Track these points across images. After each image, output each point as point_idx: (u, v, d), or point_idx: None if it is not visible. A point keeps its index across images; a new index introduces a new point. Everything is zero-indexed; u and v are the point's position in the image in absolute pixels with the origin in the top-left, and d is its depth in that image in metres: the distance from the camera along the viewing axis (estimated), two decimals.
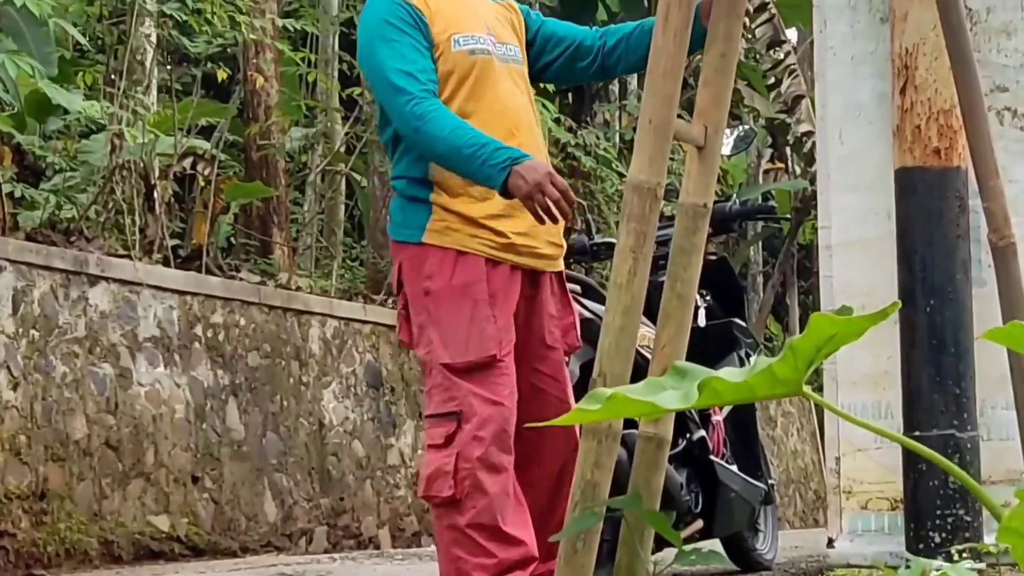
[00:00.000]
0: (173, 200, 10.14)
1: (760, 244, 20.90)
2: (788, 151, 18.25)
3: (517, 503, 3.94)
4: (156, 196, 9.17)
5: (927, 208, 4.43)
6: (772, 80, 14.77)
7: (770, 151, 20.37)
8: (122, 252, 8.21)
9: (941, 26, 3.59)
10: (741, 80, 15.88)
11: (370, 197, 11.92)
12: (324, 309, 9.41)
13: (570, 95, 16.42)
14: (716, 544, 5.99)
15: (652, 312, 3.36)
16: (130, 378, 7.68)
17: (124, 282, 7.76)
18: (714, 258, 6.50)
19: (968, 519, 4.47)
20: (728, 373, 1.81)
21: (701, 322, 5.84)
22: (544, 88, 11.38)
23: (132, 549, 7.48)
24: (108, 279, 7.64)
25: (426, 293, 3.98)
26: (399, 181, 4.08)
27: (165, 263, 8.60)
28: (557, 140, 12.97)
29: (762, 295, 19.30)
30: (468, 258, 3.97)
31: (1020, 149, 4.69)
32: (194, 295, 8.27)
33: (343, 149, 11.91)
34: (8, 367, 6.91)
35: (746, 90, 16.39)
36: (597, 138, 14.15)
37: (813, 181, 12.14)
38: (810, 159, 14.24)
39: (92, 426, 7.36)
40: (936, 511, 4.46)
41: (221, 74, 10.75)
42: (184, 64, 11.99)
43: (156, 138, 9.19)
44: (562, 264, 4.21)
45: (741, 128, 20.81)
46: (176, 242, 9.54)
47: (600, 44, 4.25)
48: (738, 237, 18.29)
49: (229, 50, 11.55)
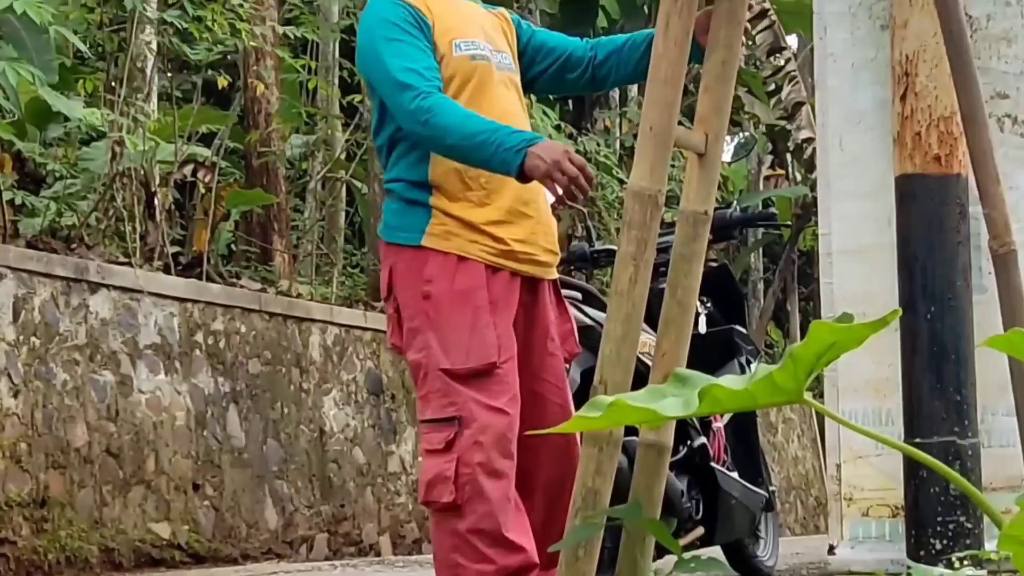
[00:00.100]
0: (173, 207, 10.15)
1: (761, 251, 20.91)
2: (788, 158, 18.25)
3: (517, 509, 3.92)
4: (156, 203, 9.17)
5: (927, 215, 4.43)
6: (772, 87, 14.77)
7: (770, 158, 20.38)
8: (123, 259, 8.21)
9: (941, 33, 3.59)
10: (741, 87, 15.88)
11: (370, 204, 11.92)
12: (325, 316, 9.41)
13: (570, 102, 16.43)
14: (717, 551, 5.99)
15: (653, 319, 3.36)
16: (131, 385, 7.68)
17: (125, 289, 7.76)
18: (715, 265, 6.50)
19: (969, 526, 4.46)
20: (729, 380, 1.81)
21: (702, 329, 5.84)
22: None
23: (133, 557, 7.48)
24: (109, 286, 7.64)
25: (425, 297, 3.94)
26: (396, 184, 4.03)
27: (166, 270, 8.60)
28: None
29: (763, 302, 19.30)
30: (469, 264, 3.95)
31: (1020, 156, 4.69)
32: (195, 302, 8.27)
33: (343, 156, 11.91)
34: (9, 374, 6.91)
35: (746, 97, 16.39)
36: (598, 145, 14.15)
37: (814, 188, 12.14)
38: (810, 166, 14.24)
39: (93, 433, 7.36)
40: (937, 518, 4.46)
41: (222, 81, 10.75)
42: (184, 71, 11.98)
43: (156, 145, 9.19)
44: (555, 271, 4.21)
45: (742, 135, 20.86)
46: (177, 249, 9.53)
47: (591, 56, 4.25)
48: (739, 244, 18.29)
49: (229, 57, 11.55)
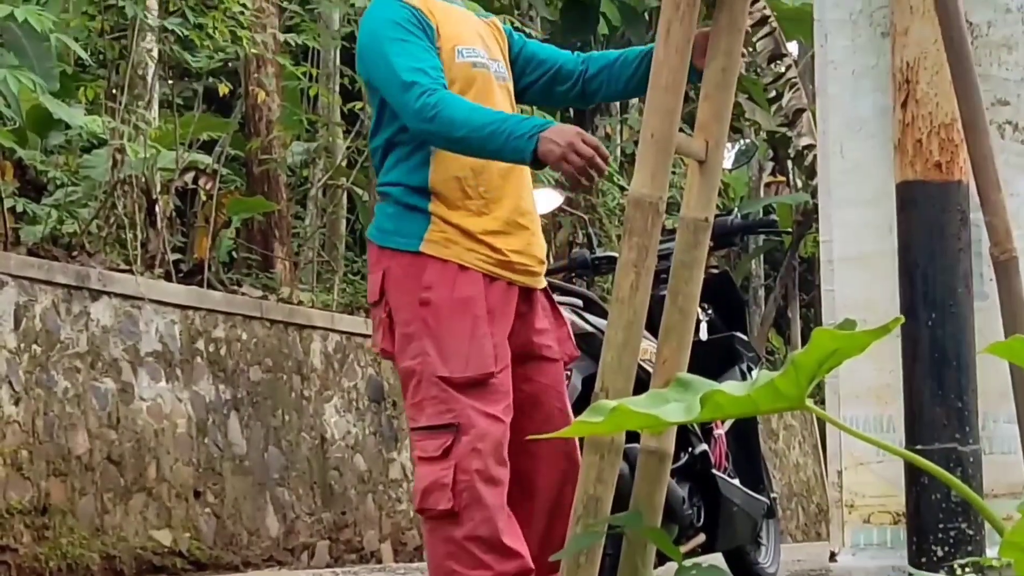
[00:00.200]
0: (175, 215, 10.16)
1: (761, 257, 20.91)
2: (789, 164, 18.27)
3: (509, 516, 3.93)
4: (158, 211, 9.18)
5: (928, 222, 4.43)
6: (773, 93, 14.77)
7: (771, 164, 20.40)
8: (124, 267, 8.21)
9: (942, 40, 3.59)
10: (742, 93, 15.90)
11: (372, 211, 11.89)
12: (326, 323, 9.41)
13: (571, 109, 16.42)
14: (718, 558, 5.99)
15: (654, 326, 3.36)
16: (132, 393, 7.68)
17: (126, 297, 7.76)
18: (716, 272, 6.51)
19: (970, 533, 4.46)
20: (731, 386, 1.81)
21: (703, 336, 5.85)
22: None
23: (134, 564, 7.48)
24: (110, 294, 7.64)
25: (423, 304, 3.93)
26: (394, 188, 4.02)
27: (167, 278, 8.60)
28: None
29: (764, 308, 19.30)
30: (468, 272, 3.96)
31: (1021, 163, 4.69)
32: (196, 310, 8.27)
33: (344, 163, 11.91)
34: (10, 382, 6.91)
35: (747, 103, 16.41)
36: None
37: (814, 194, 12.14)
38: (811, 172, 14.24)
39: (94, 441, 7.36)
40: (938, 525, 4.45)
41: (223, 89, 10.75)
42: (185, 79, 11.98)
43: (158, 153, 9.19)
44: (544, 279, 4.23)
45: (742, 142, 20.87)
46: (178, 257, 9.54)
47: (582, 69, 4.26)
48: (740, 251, 18.29)
49: (230, 65, 11.55)
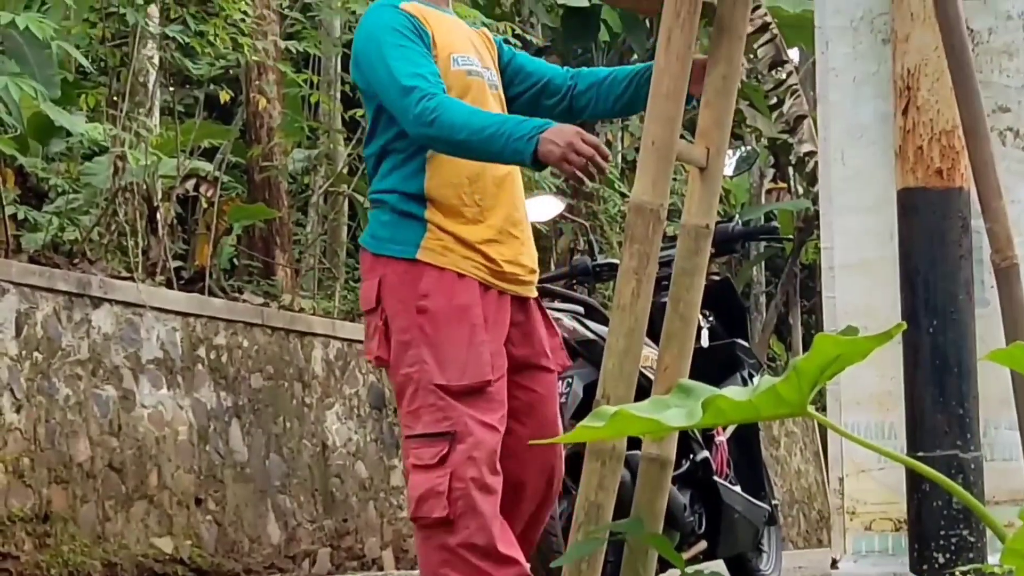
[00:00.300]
0: (176, 222, 10.15)
1: (763, 264, 20.91)
2: (790, 171, 18.28)
3: (502, 524, 3.94)
4: (159, 218, 9.18)
5: (930, 229, 4.43)
6: (774, 100, 14.78)
7: (772, 171, 20.41)
8: (125, 274, 8.21)
9: (943, 47, 3.59)
10: (743, 100, 15.90)
11: None
12: (327, 330, 9.41)
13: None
14: (720, 565, 5.98)
15: (655, 333, 3.36)
16: (133, 400, 7.68)
17: (127, 304, 7.76)
18: (717, 278, 6.51)
19: (972, 540, 4.46)
20: (732, 392, 1.81)
21: (704, 343, 5.85)
22: None
23: (135, 571, 7.47)
24: (111, 301, 7.64)
25: (420, 311, 3.93)
26: (389, 195, 4.03)
27: (168, 285, 8.60)
28: None
29: (765, 315, 19.31)
30: (466, 280, 3.97)
31: (1022, 169, 4.69)
32: (197, 317, 8.28)
33: (346, 170, 11.91)
34: (11, 389, 6.91)
35: (748, 110, 16.42)
36: None
37: (815, 201, 12.14)
38: (812, 179, 14.25)
39: (95, 448, 7.36)
40: (940, 532, 4.45)
41: (224, 96, 10.76)
42: (187, 86, 12.00)
43: (159, 160, 9.20)
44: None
45: (743, 148, 20.88)
46: (179, 264, 9.54)
47: (571, 84, 4.28)
48: (741, 257, 18.29)
49: (232, 72, 11.54)
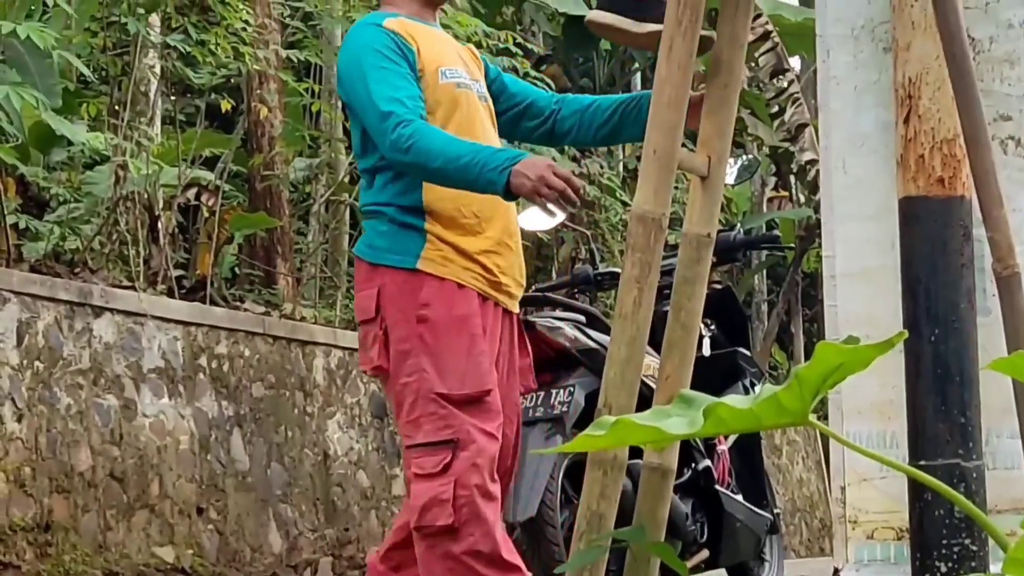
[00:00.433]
0: (177, 231, 10.14)
1: (764, 273, 20.90)
2: (792, 179, 18.27)
3: (503, 530, 3.96)
4: (160, 227, 9.18)
5: (931, 237, 4.42)
6: (776, 108, 14.78)
7: (774, 179, 20.39)
8: (126, 283, 8.21)
9: (944, 56, 3.59)
10: (745, 109, 15.89)
11: None
12: (328, 339, 9.41)
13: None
14: (722, 574, 5.98)
15: (657, 342, 3.36)
16: (134, 409, 7.67)
17: (128, 313, 7.75)
18: (718, 287, 6.50)
19: (974, 549, 4.45)
20: (734, 401, 1.81)
21: (706, 352, 5.85)
22: None
23: None
24: (112, 310, 7.64)
25: (420, 321, 3.95)
26: (388, 208, 4.05)
27: (169, 294, 8.59)
28: None
29: (766, 324, 19.29)
30: (465, 291, 3.99)
31: (1023, 178, 4.69)
32: (198, 326, 8.27)
33: (347, 179, 11.91)
34: (13, 399, 6.91)
35: (750, 118, 16.41)
36: (601, 167, 14.14)
37: (817, 209, 12.14)
38: (814, 187, 14.24)
39: (97, 457, 7.35)
40: (942, 541, 4.44)
41: (225, 105, 10.76)
42: (188, 95, 11.99)
43: (160, 169, 9.19)
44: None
45: (745, 157, 20.87)
46: (180, 273, 9.53)
47: (555, 109, 4.31)
48: (742, 266, 18.28)
49: (233, 81, 11.54)
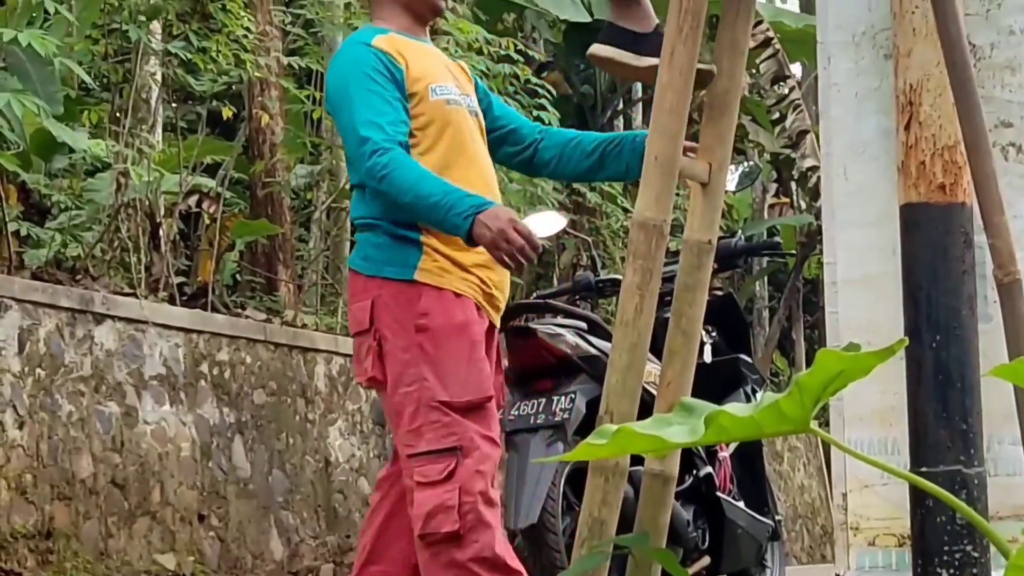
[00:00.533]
0: (178, 238, 10.14)
1: (765, 279, 20.91)
2: (793, 186, 18.28)
3: (504, 536, 3.96)
4: (161, 234, 9.18)
5: (932, 244, 4.41)
6: (777, 115, 14.79)
7: (775, 186, 20.40)
8: (128, 290, 8.21)
9: (945, 62, 3.59)
10: (745, 115, 15.90)
11: None
12: (330, 346, 9.41)
13: (574, 117, 16.44)
14: None
15: (658, 348, 3.36)
16: (136, 416, 7.67)
17: (130, 320, 7.75)
18: (719, 294, 6.50)
19: (976, 555, 4.45)
20: (735, 408, 1.81)
21: (707, 358, 5.84)
22: (549, 124, 11.38)
23: None
24: (114, 317, 7.64)
25: (420, 330, 3.95)
26: (383, 220, 4.05)
27: (171, 301, 8.59)
28: None
29: (768, 330, 19.29)
30: (464, 300, 4.00)
31: None
32: (200, 333, 8.27)
33: (348, 186, 11.90)
34: (14, 406, 6.91)
35: (751, 125, 16.42)
36: None
37: (818, 216, 12.13)
38: (815, 194, 14.25)
39: (98, 465, 7.35)
40: (943, 547, 4.44)
41: (226, 112, 10.76)
42: (189, 102, 11.99)
43: (161, 176, 9.19)
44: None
45: (746, 163, 20.88)
46: (181, 280, 9.53)
47: (537, 139, 4.33)
48: (743, 272, 18.29)
49: (234, 88, 11.55)
